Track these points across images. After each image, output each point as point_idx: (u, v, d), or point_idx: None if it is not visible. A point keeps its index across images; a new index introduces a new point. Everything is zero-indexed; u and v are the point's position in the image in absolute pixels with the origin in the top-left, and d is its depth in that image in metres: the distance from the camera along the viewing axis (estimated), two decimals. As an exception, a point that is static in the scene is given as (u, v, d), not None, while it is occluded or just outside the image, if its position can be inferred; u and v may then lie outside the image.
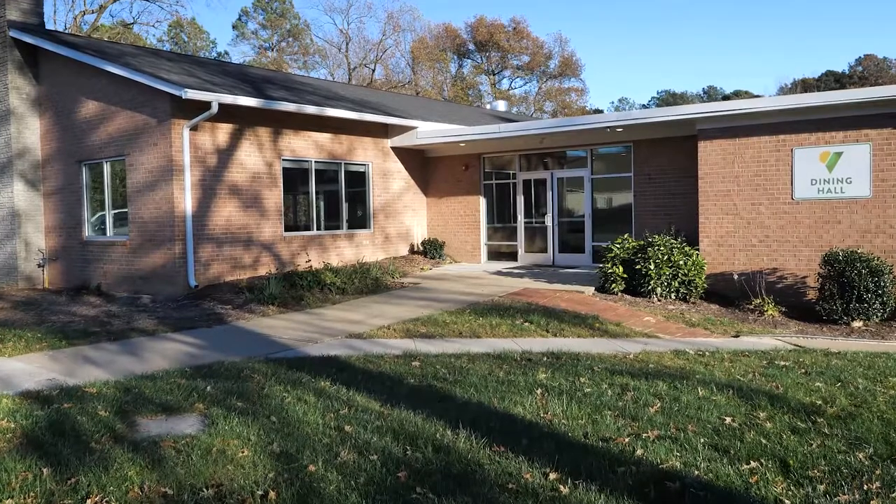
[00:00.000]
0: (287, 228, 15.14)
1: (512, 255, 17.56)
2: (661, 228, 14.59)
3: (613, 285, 12.70)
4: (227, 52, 62.54)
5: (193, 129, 13.22)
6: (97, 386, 6.82)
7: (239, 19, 64.21)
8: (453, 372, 7.54)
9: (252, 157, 14.34)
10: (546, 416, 5.97)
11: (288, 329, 10.44)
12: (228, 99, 13.03)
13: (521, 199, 17.29)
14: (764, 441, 5.31)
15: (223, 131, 13.80)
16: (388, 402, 6.26)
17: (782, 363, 8.45)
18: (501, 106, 31.03)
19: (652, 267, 12.31)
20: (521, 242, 17.35)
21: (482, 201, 17.84)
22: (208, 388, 6.72)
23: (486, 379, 7.20)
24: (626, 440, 5.31)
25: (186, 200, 13.11)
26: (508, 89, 65.32)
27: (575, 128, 14.72)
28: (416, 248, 18.27)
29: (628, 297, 12.70)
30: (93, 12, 36.30)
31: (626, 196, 15.73)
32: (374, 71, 55.81)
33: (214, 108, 12.73)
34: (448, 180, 18.23)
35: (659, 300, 12.45)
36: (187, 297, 12.91)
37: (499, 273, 15.63)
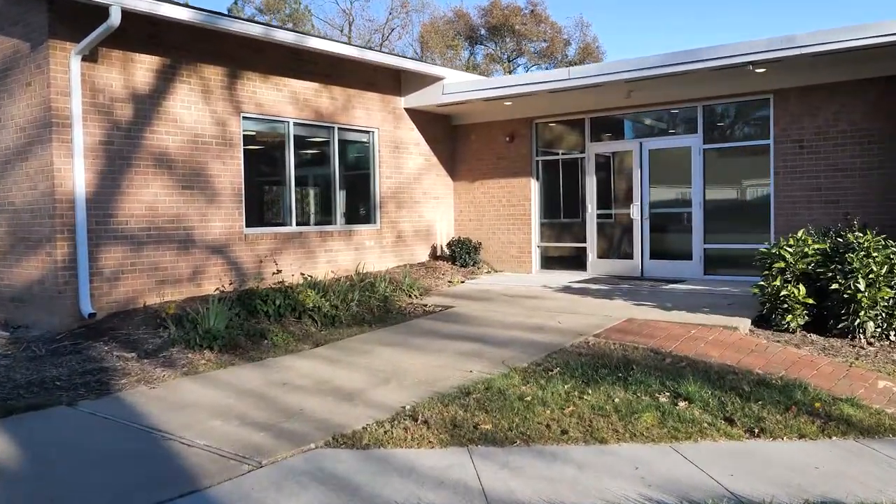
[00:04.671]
0: (251, 222, 10.03)
1: (577, 262, 12.39)
2: (823, 221, 9.46)
3: (789, 317, 7.52)
4: (219, 36, 57.66)
5: (89, 58, 8.12)
6: None
7: (234, 3, 59.38)
8: None
9: (194, 111, 9.23)
10: None
11: (216, 412, 5.31)
12: (142, 5, 7.89)
13: (591, 183, 12.13)
14: None
15: (144, 67, 8.69)
16: None
17: None
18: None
19: (861, 286, 7.13)
20: (591, 244, 12.17)
21: (534, 186, 12.68)
22: None
23: None
24: None
25: (76, 173, 8.00)
26: (524, 78, 60.10)
27: (691, 66, 9.55)
28: (439, 252, 13.15)
29: (813, 336, 7.53)
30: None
31: (760, 175, 10.57)
32: (379, 54, 50.78)
33: (115, 19, 7.60)
34: (485, 157, 13.09)
35: (869, 342, 7.28)
36: (74, 333, 7.80)
37: (567, 290, 10.48)
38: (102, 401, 5.74)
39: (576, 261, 12.42)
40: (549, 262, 12.75)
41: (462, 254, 12.56)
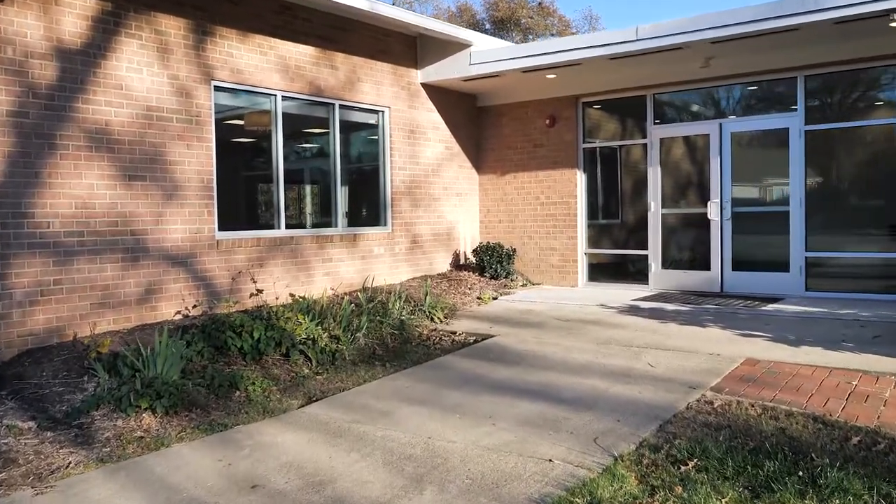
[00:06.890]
0: (225, 224, 7.71)
1: (634, 274, 10.05)
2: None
3: None
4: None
5: (-9, -6, 5.82)
6: None
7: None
8: None
9: (146, 76, 6.92)
10: None
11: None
12: (59, -86, 5.59)
13: (655, 175, 9.80)
14: None
15: (74, 14, 6.39)
16: None
17: None
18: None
19: None
20: (654, 251, 9.83)
21: (580, 179, 10.35)
22: None
23: None
24: None
25: (-30, 157, 5.70)
26: (532, 74, 57.74)
27: (806, 18, 7.21)
28: (463, 260, 10.84)
29: None
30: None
31: (884, 164, 8.26)
32: (382, 49, 48.49)
33: (17, -72, 5.30)
34: (519, 145, 10.77)
35: None
36: (-37, 382, 5.48)
37: (635, 311, 8.15)
38: (-56, 525, 3.42)
39: (633, 271, 10.08)
40: (599, 272, 10.41)
41: (492, 262, 10.23)
